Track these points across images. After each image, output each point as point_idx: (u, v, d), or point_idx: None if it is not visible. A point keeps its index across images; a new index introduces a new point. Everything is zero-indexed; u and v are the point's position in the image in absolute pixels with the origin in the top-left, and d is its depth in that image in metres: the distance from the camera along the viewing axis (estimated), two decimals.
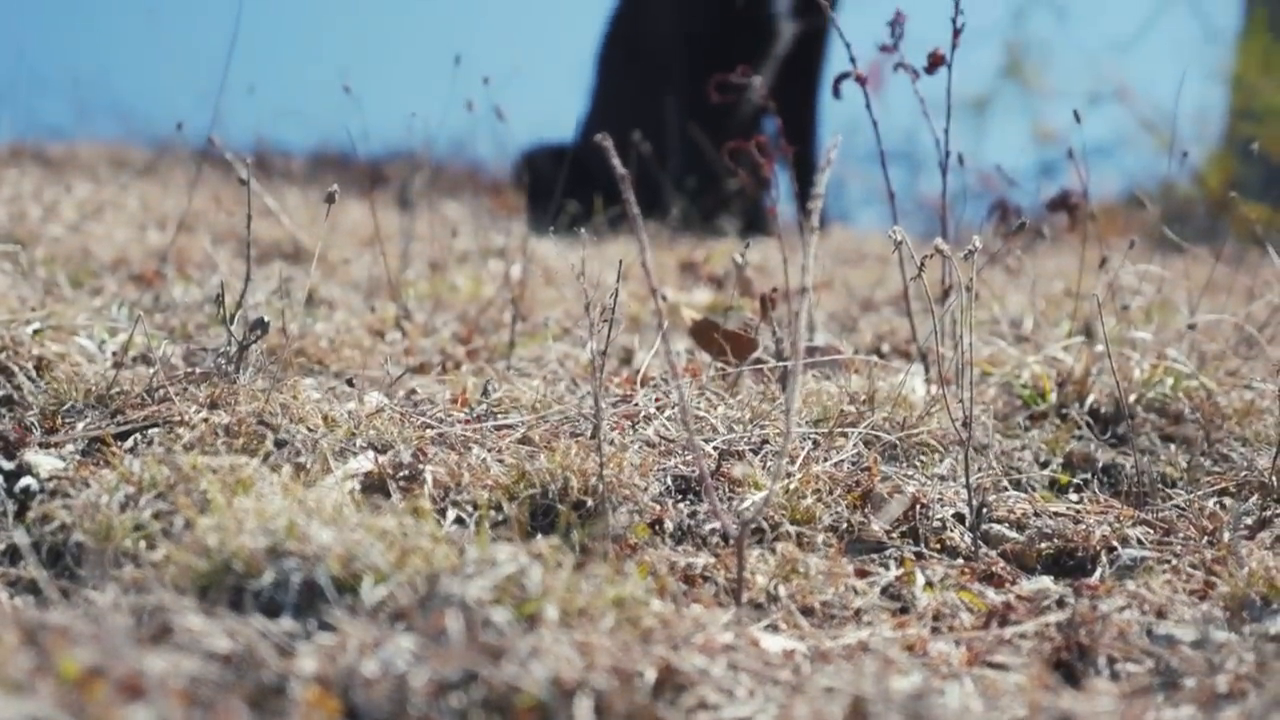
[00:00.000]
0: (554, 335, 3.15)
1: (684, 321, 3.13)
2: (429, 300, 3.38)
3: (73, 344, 2.49)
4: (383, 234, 4.19)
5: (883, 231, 5.42)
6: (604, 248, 4.46)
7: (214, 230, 3.92)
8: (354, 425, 2.12)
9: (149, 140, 7.87)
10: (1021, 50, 7.04)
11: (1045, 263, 4.40)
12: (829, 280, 3.82)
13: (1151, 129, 6.16)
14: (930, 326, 2.94)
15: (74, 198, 4.06)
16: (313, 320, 3.01)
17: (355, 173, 7.34)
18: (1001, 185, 3.65)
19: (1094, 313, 3.12)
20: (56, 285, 3.15)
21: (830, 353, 2.80)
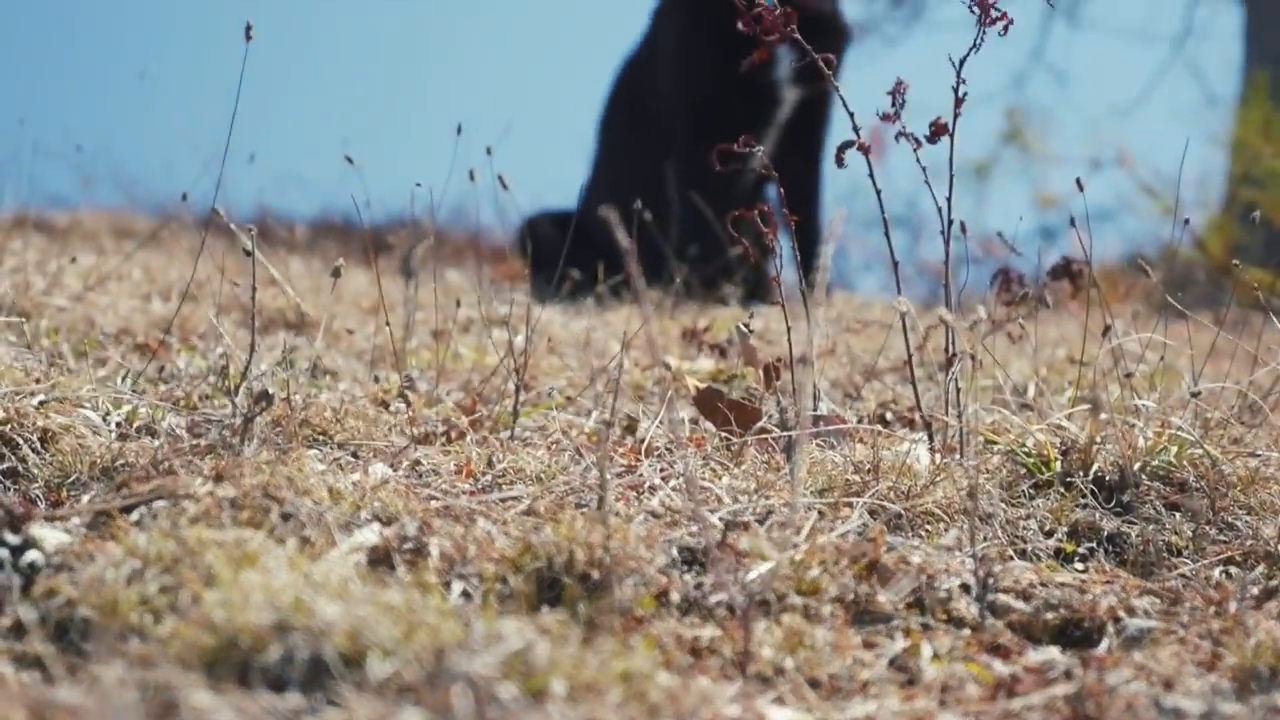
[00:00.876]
0: (558, 404, 3.15)
1: (688, 390, 3.13)
2: (433, 369, 3.38)
3: (77, 415, 2.50)
4: (386, 303, 4.21)
5: (885, 297, 5.43)
6: (607, 315, 4.47)
7: (218, 299, 3.92)
8: (359, 497, 2.12)
9: (152, 208, 7.91)
10: (1022, 116, 7.07)
11: (1048, 329, 4.40)
12: (832, 347, 3.82)
13: (1152, 194, 6.18)
14: (934, 394, 2.95)
15: (78, 268, 4.06)
16: (317, 390, 3.01)
17: (358, 240, 7.36)
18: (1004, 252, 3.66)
19: (1098, 380, 3.12)
20: (61, 356, 3.16)
21: (834, 422, 2.80)
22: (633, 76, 5.89)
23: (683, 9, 5.68)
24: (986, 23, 2.71)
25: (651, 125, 5.67)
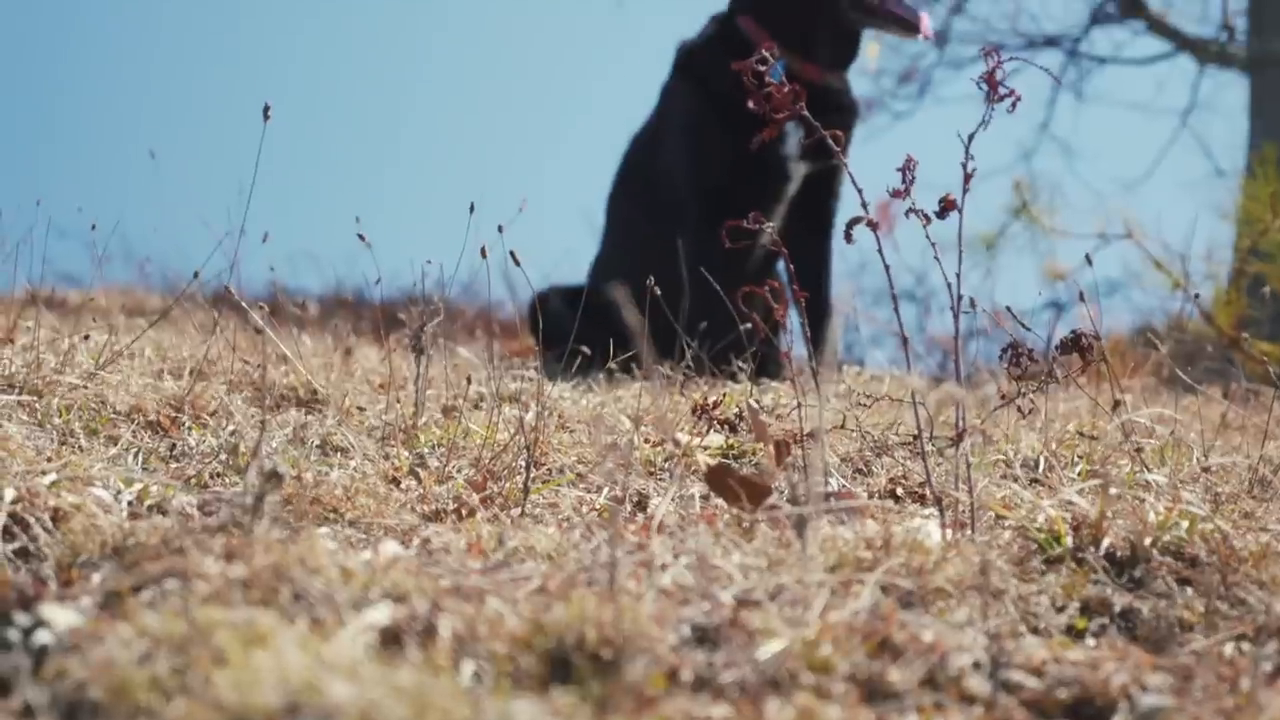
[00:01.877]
0: (569, 481, 3.15)
1: (698, 466, 3.13)
2: (443, 446, 3.39)
3: (89, 494, 2.50)
4: (397, 379, 4.22)
5: (895, 372, 5.43)
6: (618, 390, 4.48)
7: (230, 377, 3.93)
8: (370, 576, 2.12)
9: (164, 285, 7.94)
10: (1030, 189, 7.09)
11: (1058, 403, 4.41)
12: (842, 423, 3.82)
13: (1161, 267, 6.18)
14: (945, 469, 2.95)
15: (90, 345, 4.08)
16: (328, 468, 3.02)
17: (369, 316, 7.38)
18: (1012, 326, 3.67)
19: (1108, 455, 3.13)
20: (73, 434, 3.17)
21: (845, 498, 2.80)
22: (641, 152, 5.92)
23: (691, 86, 5.71)
24: (994, 100, 2.73)
25: (660, 201, 5.69)
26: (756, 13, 5.63)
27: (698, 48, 5.77)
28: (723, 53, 5.56)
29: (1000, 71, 2.74)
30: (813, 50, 5.56)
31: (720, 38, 5.70)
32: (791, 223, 5.54)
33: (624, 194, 5.99)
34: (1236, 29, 15.25)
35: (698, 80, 5.68)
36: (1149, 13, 15.26)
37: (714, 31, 5.77)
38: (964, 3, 16.68)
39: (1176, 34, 15.17)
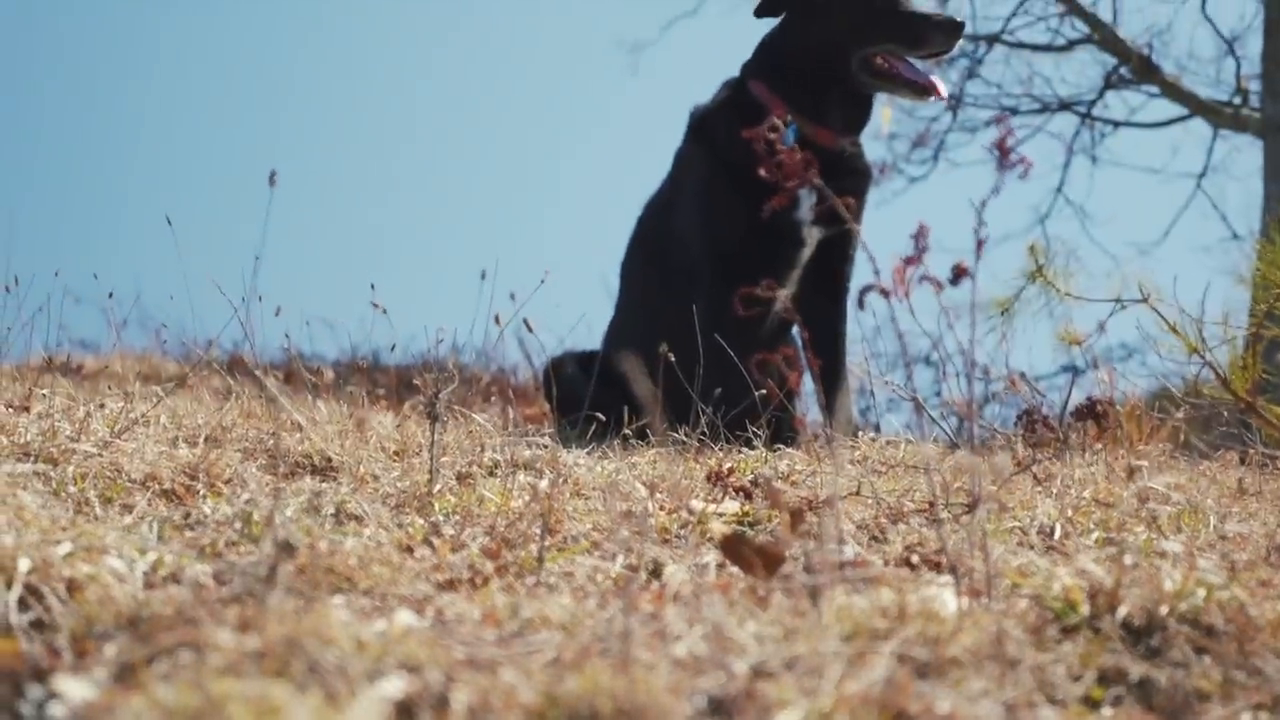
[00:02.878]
0: (584, 549, 3.15)
1: (713, 534, 3.13)
2: (458, 514, 3.39)
3: (104, 564, 2.50)
4: (411, 445, 4.22)
5: (910, 438, 5.42)
6: (633, 456, 4.47)
7: (244, 444, 3.94)
8: (384, 647, 2.12)
9: (180, 352, 7.97)
10: (1045, 253, 7.08)
11: (1073, 469, 4.40)
12: (857, 489, 3.81)
13: (1177, 331, 6.17)
14: (960, 536, 2.94)
15: (105, 413, 4.09)
16: (342, 536, 3.01)
17: (385, 381, 7.39)
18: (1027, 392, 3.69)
19: (1124, 522, 3.12)
20: (88, 503, 3.17)
21: (860, 566, 2.80)
22: (656, 218, 5.93)
23: (704, 152, 5.72)
24: (1006, 167, 2.73)
25: (675, 266, 5.69)
26: (768, 78, 5.65)
27: (710, 113, 5.79)
28: (735, 118, 5.59)
29: (1012, 138, 2.75)
30: (825, 115, 5.58)
31: (732, 103, 5.72)
32: (806, 287, 5.54)
33: (639, 259, 5.99)
34: (1251, 93, 15.29)
35: (711, 146, 5.70)
36: (1163, 76, 15.32)
37: (726, 97, 5.78)
38: (978, 67, 16.76)
39: (1191, 98, 15.23)
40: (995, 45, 16.62)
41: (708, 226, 5.58)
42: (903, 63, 5.50)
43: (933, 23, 5.51)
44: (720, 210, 5.55)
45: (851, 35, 5.55)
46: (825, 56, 5.57)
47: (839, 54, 5.55)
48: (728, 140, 5.61)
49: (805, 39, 5.63)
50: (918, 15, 5.52)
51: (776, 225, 5.44)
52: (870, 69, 5.52)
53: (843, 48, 5.55)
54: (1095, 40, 15.76)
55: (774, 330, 5.56)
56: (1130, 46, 15.29)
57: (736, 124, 5.65)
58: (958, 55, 16.69)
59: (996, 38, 16.55)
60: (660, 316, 5.58)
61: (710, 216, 5.58)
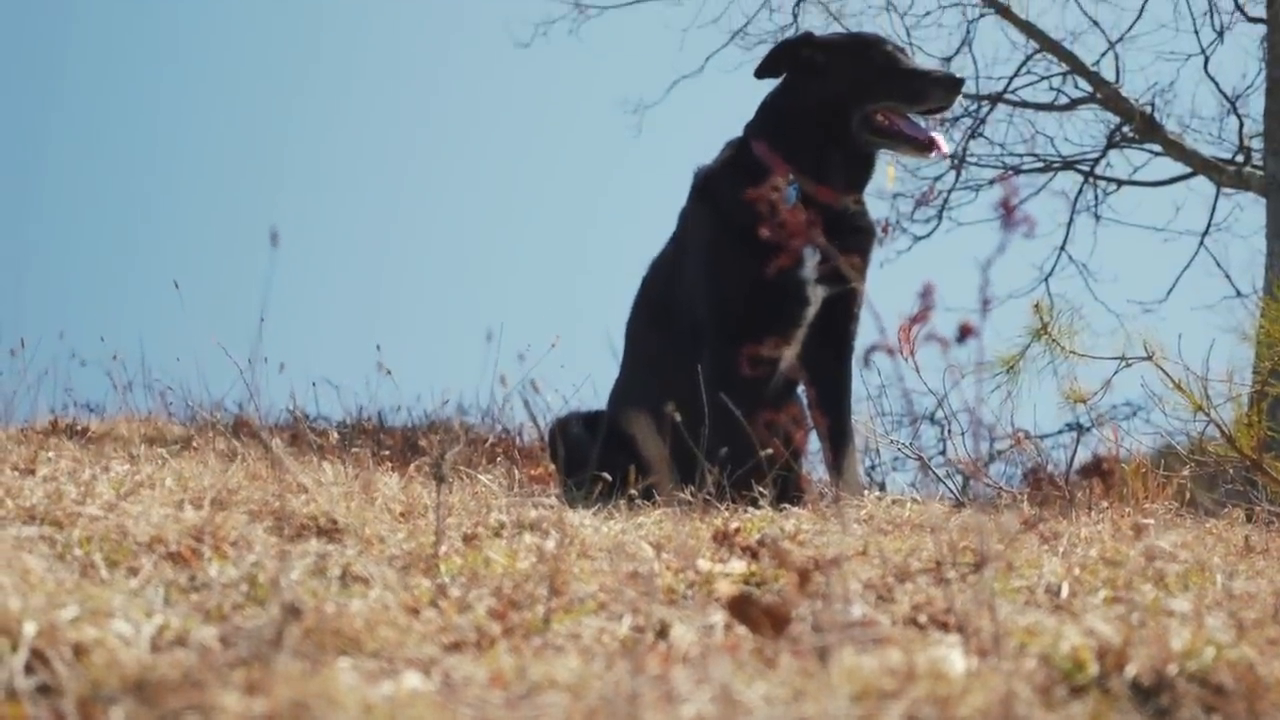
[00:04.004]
0: (590, 610, 3.14)
1: (720, 594, 3.12)
2: (464, 575, 3.38)
3: (109, 628, 2.50)
4: (417, 507, 4.22)
5: (916, 496, 5.41)
6: (639, 516, 4.47)
7: (250, 506, 3.94)
8: (391, 710, 2.11)
9: (185, 414, 7.97)
10: (1049, 311, 7.10)
11: (1079, 527, 4.39)
12: (863, 548, 3.81)
13: (1181, 389, 6.17)
14: (968, 595, 2.93)
15: (110, 476, 4.09)
16: (348, 599, 3.01)
17: (389, 442, 7.40)
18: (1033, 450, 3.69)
19: (1131, 580, 3.11)
20: (93, 566, 3.17)
21: (868, 625, 2.79)
22: (661, 278, 5.93)
23: (707, 212, 5.73)
24: (1011, 226, 2.74)
25: (680, 326, 5.69)
26: (770, 137, 5.67)
27: (714, 173, 5.80)
28: (738, 178, 5.60)
29: (1016, 197, 2.76)
30: (827, 173, 5.59)
31: (735, 163, 5.74)
32: (811, 346, 5.54)
33: (644, 319, 6.00)
34: (1253, 151, 15.34)
35: (714, 206, 5.71)
36: (1166, 135, 15.38)
37: (729, 157, 5.80)
38: (981, 126, 16.81)
39: (1194, 156, 15.27)
40: (998, 104, 16.70)
41: (712, 286, 5.58)
42: (904, 119, 5.51)
43: (932, 79, 5.53)
44: (724, 270, 5.56)
45: (851, 93, 5.57)
46: (826, 115, 5.59)
47: (840, 112, 5.56)
48: (731, 200, 5.62)
49: (806, 98, 5.66)
50: (917, 72, 5.54)
51: (781, 284, 5.44)
52: (871, 126, 5.53)
53: (843, 106, 5.56)
54: (1098, 99, 15.83)
55: (779, 389, 5.55)
56: (1133, 105, 15.35)
57: (739, 184, 5.65)
58: (961, 114, 16.76)
59: (1000, 97, 16.62)
60: (665, 376, 5.58)
61: (715, 276, 5.59)
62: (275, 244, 3.38)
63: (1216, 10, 15.82)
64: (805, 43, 5.75)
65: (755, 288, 5.35)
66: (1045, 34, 15.88)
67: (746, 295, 5.46)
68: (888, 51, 5.61)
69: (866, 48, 5.65)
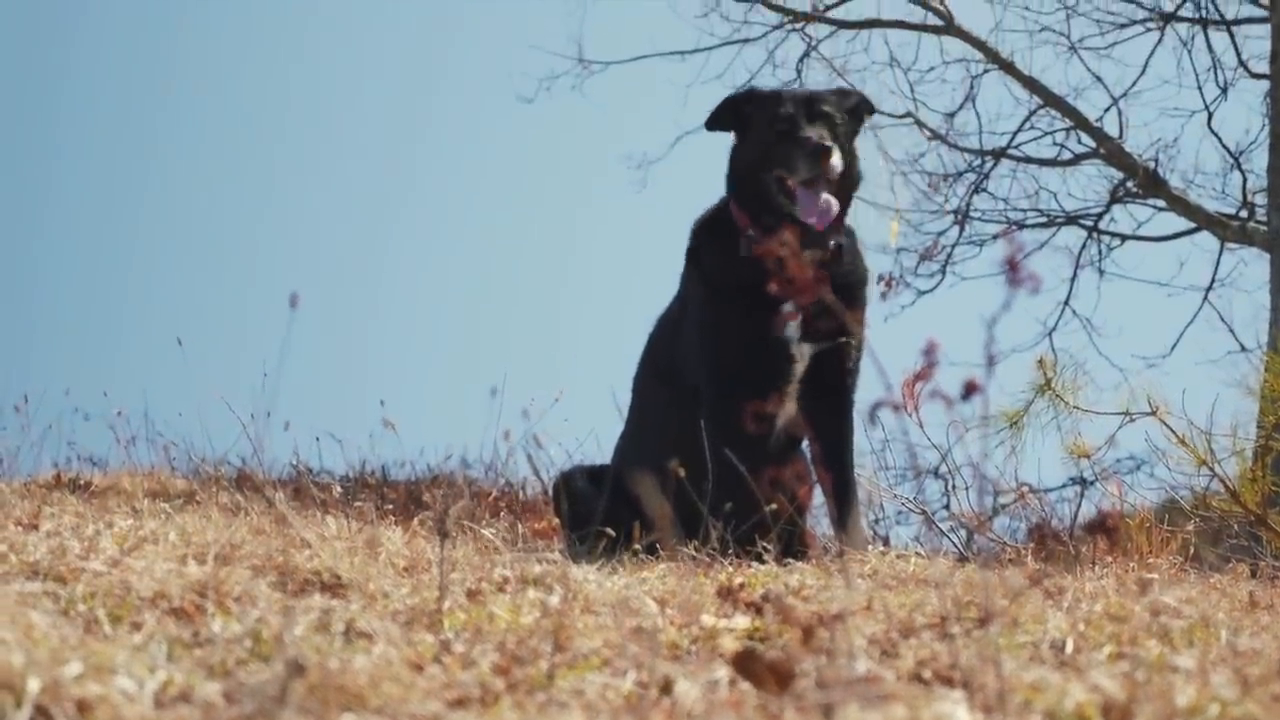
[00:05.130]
0: (594, 666, 3.14)
1: (724, 649, 3.12)
2: (467, 630, 3.38)
3: (113, 684, 2.50)
4: (421, 562, 4.22)
5: (920, 551, 5.41)
6: (643, 571, 4.46)
7: (253, 561, 3.94)
8: None
9: (189, 468, 7.98)
10: (1054, 367, 7.11)
11: (1084, 582, 4.38)
12: (868, 603, 3.80)
13: (1185, 443, 6.18)
14: (972, 651, 2.93)
15: (114, 531, 4.09)
16: (352, 655, 3.01)
17: (393, 496, 7.39)
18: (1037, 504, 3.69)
19: (1136, 636, 3.11)
20: (97, 622, 3.16)
21: (872, 681, 2.78)
22: (665, 335, 5.94)
23: (696, 273, 5.76)
24: (1016, 283, 2.75)
25: (683, 383, 5.69)
26: (734, 195, 5.71)
27: (696, 231, 5.85)
28: (714, 237, 5.67)
29: (1020, 254, 2.77)
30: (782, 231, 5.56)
31: (714, 221, 5.78)
32: (809, 400, 5.52)
33: (648, 375, 6.01)
34: (1257, 206, 15.37)
35: (699, 266, 5.75)
36: (1169, 190, 15.41)
37: (710, 215, 5.84)
38: (984, 181, 16.86)
39: (1198, 211, 15.30)
40: (1002, 159, 16.74)
41: (704, 346, 5.61)
42: (799, 188, 5.48)
43: (802, 150, 5.48)
44: (713, 330, 5.59)
45: (760, 157, 5.59)
46: (750, 175, 5.62)
47: (758, 173, 5.58)
48: (710, 260, 5.67)
49: (738, 157, 5.72)
50: (794, 139, 5.50)
51: (766, 344, 5.45)
52: (782, 189, 5.51)
53: (756, 168, 5.59)
54: (1102, 154, 15.87)
55: (782, 445, 5.53)
56: (1136, 160, 15.39)
57: (715, 243, 5.71)
58: (965, 169, 16.82)
59: (1003, 152, 16.67)
60: (670, 432, 5.58)
61: (705, 336, 5.61)
62: (295, 306, 3.39)
63: (1220, 66, 15.87)
64: (746, 99, 5.79)
65: (743, 347, 5.38)
66: (1049, 89, 15.94)
67: (735, 354, 5.48)
68: (784, 115, 5.59)
69: (773, 109, 5.65)
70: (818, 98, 5.67)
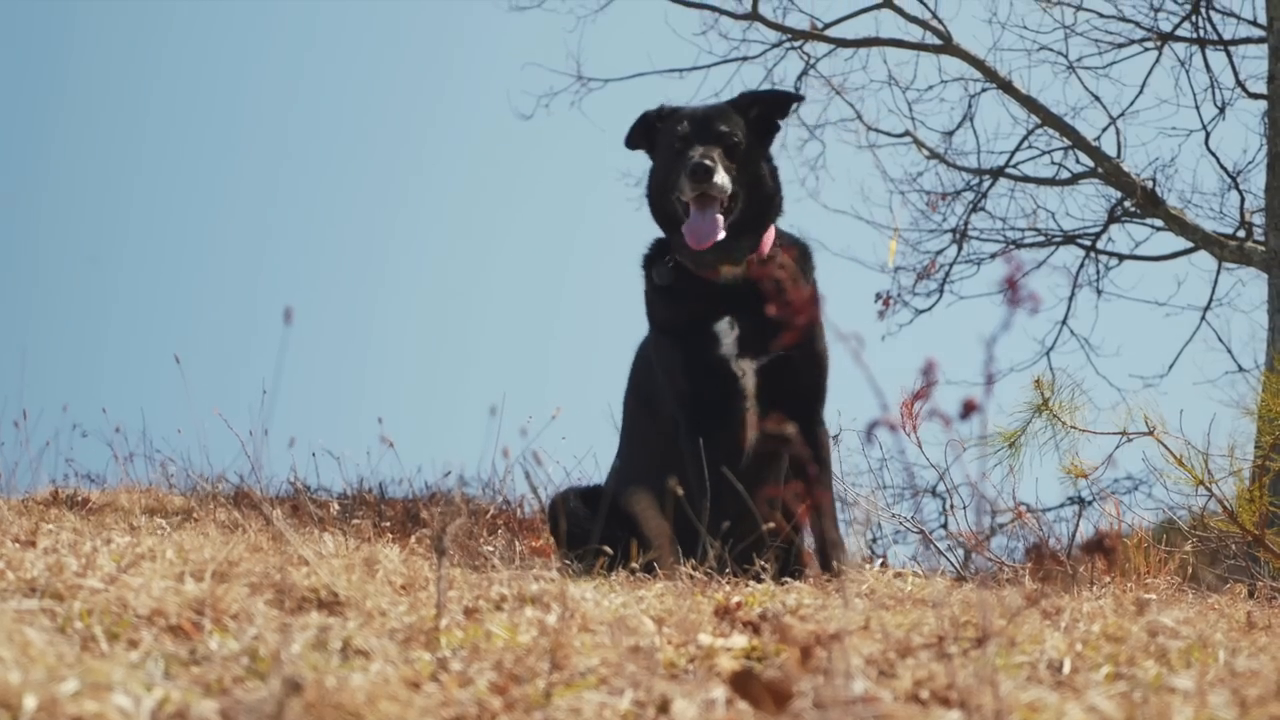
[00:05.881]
0: (591, 684, 3.14)
1: (721, 669, 3.11)
2: (465, 649, 3.38)
3: (110, 701, 2.49)
4: (418, 579, 4.21)
5: (917, 570, 5.41)
6: (640, 590, 4.46)
7: (251, 579, 3.93)
8: None
9: (186, 485, 7.97)
10: (1052, 387, 7.11)
11: (1081, 602, 4.38)
12: (865, 623, 3.80)
13: (1183, 463, 6.18)
14: (970, 671, 2.93)
15: (111, 548, 4.09)
16: (349, 672, 3.00)
17: (390, 514, 7.39)
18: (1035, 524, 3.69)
19: (1133, 656, 3.10)
20: (94, 639, 3.16)
21: (870, 701, 2.78)
22: (643, 366, 5.98)
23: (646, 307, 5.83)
24: (1015, 303, 2.75)
25: (664, 411, 5.73)
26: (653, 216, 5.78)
27: (644, 264, 5.90)
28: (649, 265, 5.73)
29: (1018, 272, 2.77)
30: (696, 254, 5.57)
31: (654, 255, 5.85)
32: (775, 413, 5.47)
33: (634, 397, 6.04)
34: (1255, 226, 15.39)
35: (646, 295, 5.83)
36: (1167, 210, 15.42)
37: (653, 248, 5.89)
38: (983, 200, 16.88)
39: (1195, 231, 15.32)
40: (1000, 178, 16.75)
41: (664, 378, 5.68)
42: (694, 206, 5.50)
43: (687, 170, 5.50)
44: (664, 362, 5.66)
45: (663, 177, 5.65)
46: (659, 195, 5.67)
47: (665, 192, 5.63)
48: (649, 293, 5.74)
49: (650, 177, 5.79)
50: (682, 159, 5.54)
51: (706, 364, 5.49)
52: (685, 209, 5.54)
53: (662, 188, 5.64)
54: (1100, 174, 15.88)
55: (755, 466, 5.49)
56: (1135, 180, 15.40)
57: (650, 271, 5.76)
58: (963, 188, 16.84)
59: (1001, 171, 16.68)
60: (658, 455, 5.60)
61: (663, 369, 5.69)
62: (289, 322, 3.39)
63: (1218, 86, 15.89)
64: (657, 116, 5.82)
65: (691, 374, 5.43)
66: (1047, 109, 15.95)
67: (688, 382, 5.52)
68: (680, 134, 5.63)
69: (672, 128, 5.69)
70: (714, 114, 5.70)
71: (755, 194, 5.61)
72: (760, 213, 5.64)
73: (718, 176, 5.44)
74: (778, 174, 5.76)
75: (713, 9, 16.58)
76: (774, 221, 5.73)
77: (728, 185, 5.47)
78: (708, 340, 5.49)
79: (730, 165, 5.52)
